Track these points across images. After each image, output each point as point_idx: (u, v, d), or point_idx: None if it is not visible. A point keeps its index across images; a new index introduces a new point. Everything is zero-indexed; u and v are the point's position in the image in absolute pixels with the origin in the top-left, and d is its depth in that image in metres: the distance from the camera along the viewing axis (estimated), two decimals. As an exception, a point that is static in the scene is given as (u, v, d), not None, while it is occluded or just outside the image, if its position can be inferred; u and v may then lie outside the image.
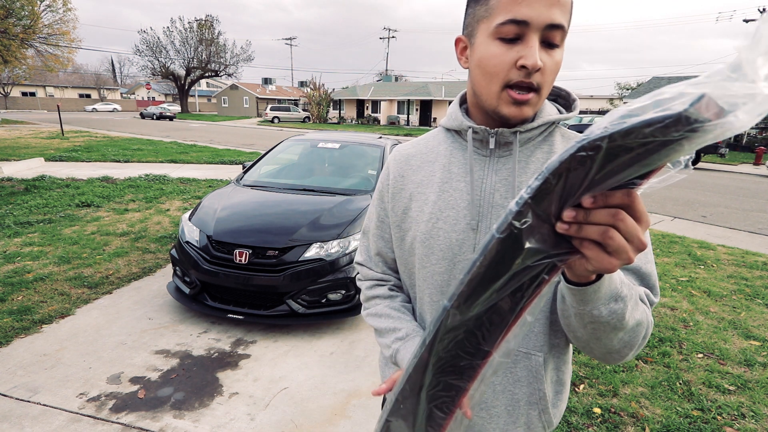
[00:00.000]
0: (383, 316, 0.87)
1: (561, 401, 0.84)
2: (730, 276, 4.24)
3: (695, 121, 0.32)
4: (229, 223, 3.14)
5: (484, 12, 0.66)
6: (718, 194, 9.06)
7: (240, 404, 2.29)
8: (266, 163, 4.37)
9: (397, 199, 0.85)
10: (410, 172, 0.84)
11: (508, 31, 0.63)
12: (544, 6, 0.61)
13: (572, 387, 2.48)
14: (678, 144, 0.33)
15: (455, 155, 0.80)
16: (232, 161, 10.97)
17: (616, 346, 0.63)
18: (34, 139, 15.59)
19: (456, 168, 0.79)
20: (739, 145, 20.01)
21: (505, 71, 0.65)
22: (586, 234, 0.41)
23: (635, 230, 0.41)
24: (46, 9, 18.55)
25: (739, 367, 2.72)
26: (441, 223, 0.77)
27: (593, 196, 0.39)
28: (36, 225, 5.12)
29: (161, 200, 6.55)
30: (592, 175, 0.38)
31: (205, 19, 42.29)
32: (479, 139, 0.77)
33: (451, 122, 0.81)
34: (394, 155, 0.89)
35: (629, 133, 0.34)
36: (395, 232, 0.86)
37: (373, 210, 0.92)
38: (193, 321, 3.12)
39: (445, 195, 0.78)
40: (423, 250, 0.79)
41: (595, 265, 0.43)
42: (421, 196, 0.81)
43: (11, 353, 2.66)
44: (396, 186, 0.85)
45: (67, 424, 2.10)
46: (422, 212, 0.80)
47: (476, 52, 0.69)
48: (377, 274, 0.93)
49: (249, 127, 27.28)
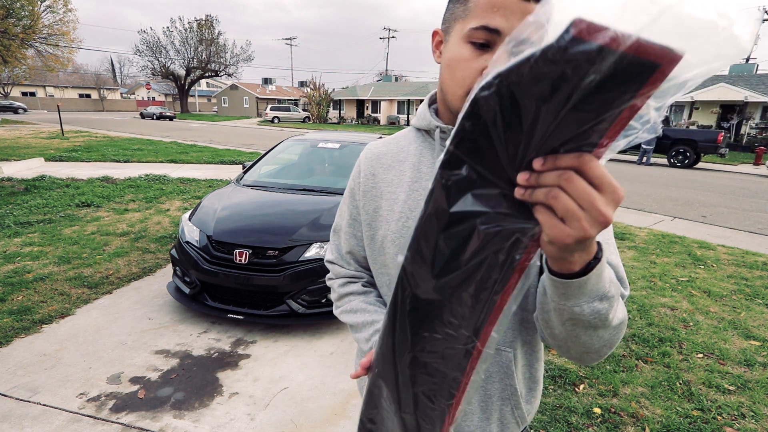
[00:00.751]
0: (359, 311, 0.87)
1: (534, 398, 0.85)
2: (730, 276, 4.24)
3: (567, 42, 0.30)
4: (229, 223, 3.14)
5: (462, 12, 0.67)
6: (718, 194, 9.06)
7: (240, 404, 2.29)
8: (266, 163, 4.37)
9: (368, 197, 0.85)
10: (381, 171, 0.85)
11: (480, 36, 0.63)
12: (518, 19, 0.61)
13: (572, 387, 2.48)
14: (579, 76, 0.31)
15: (424, 154, 0.82)
16: (232, 161, 10.97)
17: (595, 346, 0.60)
18: (34, 139, 15.60)
19: (425, 167, 0.80)
20: (739, 145, 20.00)
21: (471, 78, 0.66)
22: (535, 197, 0.40)
23: (587, 195, 0.38)
24: (47, 9, 18.55)
25: (739, 367, 2.72)
26: (411, 222, 0.78)
27: (543, 158, 0.38)
28: (36, 225, 5.12)
29: (161, 200, 6.55)
30: (513, 122, 0.36)
31: (205, 19, 42.32)
32: (446, 138, 0.78)
33: (420, 122, 0.82)
34: (366, 153, 0.89)
35: (517, 68, 0.33)
36: (366, 230, 0.86)
37: (344, 208, 0.92)
38: (193, 321, 3.12)
39: (414, 194, 0.79)
40: (394, 249, 0.80)
41: (548, 233, 0.41)
42: (391, 195, 0.82)
43: (11, 353, 2.66)
44: (367, 184, 0.86)
45: (67, 424, 2.10)
46: (392, 211, 0.80)
47: (448, 51, 0.70)
48: (349, 271, 0.93)
49: (249, 127, 27.28)
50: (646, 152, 14.28)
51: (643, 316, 3.33)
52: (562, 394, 2.41)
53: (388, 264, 0.83)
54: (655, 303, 3.58)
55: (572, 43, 0.30)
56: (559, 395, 2.40)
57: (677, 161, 14.07)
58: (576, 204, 0.39)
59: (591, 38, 0.30)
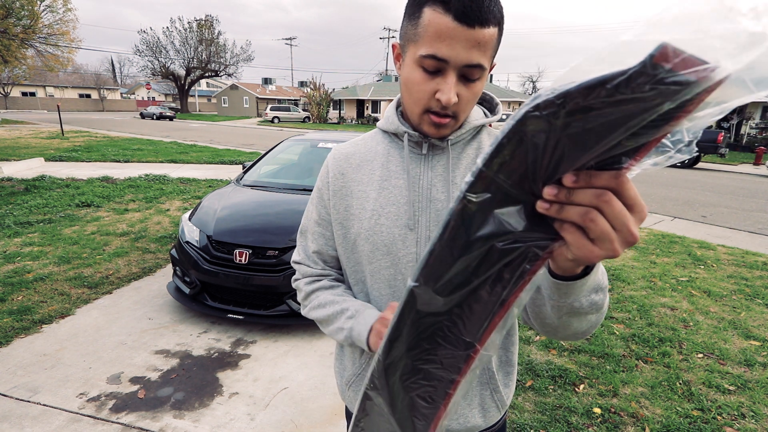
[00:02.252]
0: (328, 305, 0.86)
1: (511, 381, 0.89)
2: (730, 276, 4.24)
3: (660, 73, 0.28)
4: (229, 223, 3.14)
5: (413, 35, 0.70)
6: (718, 194, 9.06)
7: (240, 404, 2.29)
8: (266, 163, 4.37)
9: (338, 196, 0.86)
10: (350, 170, 0.86)
11: (429, 64, 0.68)
12: (463, 48, 0.65)
13: (572, 387, 2.48)
14: (655, 105, 0.29)
15: (393, 154, 0.85)
16: (232, 161, 10.97)
17: (584, 328, 0.63)
18: (34, 139, 15.60)
19: (394, 166, 0.83)
20: (739, 145, 20.00)
21: (426, 99, 0.71)
22: (567, 215, 0.38)
23: (623, 217, 0.37)
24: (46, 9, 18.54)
25: (739, 367, 2.72)
26: (383, 219, 0.80)
27: (576, 173, 0.36)
28: (36, 225, 5.12)
29: (161, 200, 6.55)
30: (562, 144, 0.34)
31: (205, 19, 42.32)
32: (414, 141, 0.82)
33: (388, 125, 0.85)
34: (333, 154, 0.90)
35: (588, 91, 0.30)
36: (338, 229, 0.87)
37: (312, 209, 0.92)
38: (193, 321, 3.12)
39: (385, 192, 0.82)
40: (368, 246, 0.81)
41: (575, 252, 0.40)
42: (362, 193, 0.84)
43: (11, 353, 2.66)
44: (336, 184, 0.87)
45: (67, 424, 2.10)
46: (364, 209, 0.82)
47: (404, 71, 0.74)
48: (316, 270, 0.93)
49: (249, 127, 27.28)
50: None
51: (643, 316, 3.33)
52: (562, 394, 2.41)
53: (362, 261, 0.84)
54: (655, 303, 3.58)
55: (664, 73, 0.28)
56: (559, 395, 2.40)
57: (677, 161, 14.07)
58: (611, 226, 0.38)
59: (681, 67, 0.28)
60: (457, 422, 0.84)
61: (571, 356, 2.79)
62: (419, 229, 0.80)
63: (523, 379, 2.54)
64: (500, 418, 0.89)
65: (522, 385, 2.49)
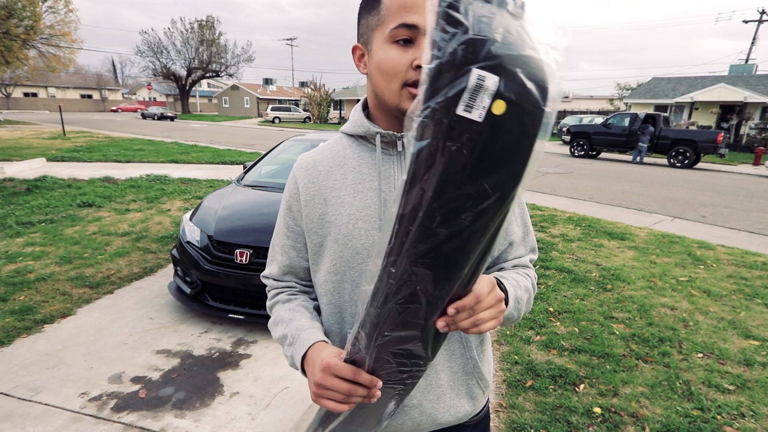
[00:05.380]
0: (279, 323, 0.86)
1: (487, 360, 0.93)
2: (730, 276, 4.24)
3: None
4: (230, 222, 3.15)
5: (377, 21, 0.72)
6: (718, 194, 9.06)
7: (241, 404, 2.30)
8: (267, 163, 4.38)
9: (311, 205, 0.84)
10: (320, 178, 0.85)
11: (401, 33, 0.68)
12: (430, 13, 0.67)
13: (572, 387, 2.48)
14: None
15: (363, 157, 0.84)
16: (232, 161, 10.98)
17: (516, 318, 0.82)
18: (36, 139, 15.63)
19: (366, 169, 0.82)
20: (738, 146, 19.98)
21: (404, 71, 0.70)
22: (457, 327, 0.61)
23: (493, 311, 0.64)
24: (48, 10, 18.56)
25: (739, 367, 2.72)
26: (361, 222, 0.80)
27: (455, 307, 0.58)
28: (38, 225, 5.13)
29: (162, 200, 6.56)
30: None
31: (206, 19, 42.38)
32: (386, 141, 0.81)
33: (356, 128, 0.84)
34: (300, 164, 0.88)
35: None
36: (312, 238, 0.85)
37: (280, 222, 0.91)
38: (194, 321, 3.13)
39: (360, 195, 0.81)
40: (347, 251, 0.80)
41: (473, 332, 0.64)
42: (336, 199, 0.82)
43: (13, 353, 2.67)
44: (308, 193, 0.85)
45: (69, 423, 2.11)
46: (340, 215, 0.81)
47: (374, 57, 0.74)
48: (281, 283, 0.93)
49: (250, 128, 27.29)
50: (641, 151, 14.32)
51: (643, 316, 3.34)
52: (562, 394, 2.41)
53: (341, 269, 0.83)
54: (655, 303, 3.59)
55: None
56: (559, 395, 2.41)
57: (677, 161, 14.07)
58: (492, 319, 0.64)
59: None
60: (448, 413, 0.85)
61: (571, 356, 2.80)
62: None
63: (523, 379, 2.55)
64: (486, 400, 0.94)
65: (522, 384, 2.50)
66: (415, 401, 0.83)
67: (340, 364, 0.64)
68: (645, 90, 25.25)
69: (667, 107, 23.09)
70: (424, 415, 0.84)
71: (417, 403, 0.83)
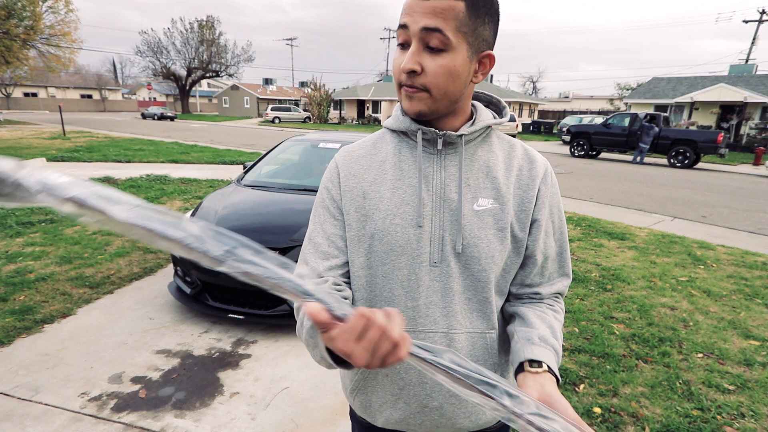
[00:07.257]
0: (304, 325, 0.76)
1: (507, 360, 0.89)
2: (730, 276, 4.25)
3: None
4: (230, 222, 3.15)
5: None
6: (718, 194, 9.06)
7: (241, 404, 2.30)
8: (267, 163, 4.38)
9: (350, 197, 0.84)
10: (361, 171, 0.85)
11: (399, 36, 0.75)
12: (419, 14, 0.71)
13: (572, 387, 2.48)
14: None
15: (404, 153, 0.84)
16: (232, 161, 10.98)
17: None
18: (36, 139, 15.63)
19: (407, 166, 0.83)
20: (738, 146, 19.98)
21: (398, 74, 0.76)
22: None
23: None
24: (48, 10, 18.56)
25: (739, 367, 2.72)
26: (398, 219, 0.80)
27: None
28: (38, 225, 5.13)
29: (162, 200, 6.56)
30: None
31: (206, 19, 42.40)
32: (427, 138, 0.82)
33: (398, 124, 0.84)
34: (342, 155, 0.89)
35: None
36: (349, 231, 0.84)
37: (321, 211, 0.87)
38: (194, 321, 3.13)
39: (399, 192, 0.81)
40: (382, 247, 0.81)
41: None
42: (375, 194, 0.83)
43: (13, 353, 2.67)
44: (348, 185, 0.85)
45: (69, 423, 2.11)
46: (378, 209, 0.81)
47: None
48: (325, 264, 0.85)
49: (250, 128, 27.30)
50: (642, 151, 14.33)
51: (643, 316, 3.34)
52: (562, 394, 2.41)
53: (374, 263, 0.83)
54: (655, 303, 3.59)
55: None
56: (558, 395, 2.41)
57: (677, 161, 14.08)
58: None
59: None
60: (469, 420, 0.85)
61: (571, 356, 2.80)
62: (432, 229, 0.80)
63: (523, 378, 2.55)
64: None
65: (522, 384, 2.50)
66: (436, 403, 0.82)
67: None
68: (645, 90, 25.26)
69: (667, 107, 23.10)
70: (444, 418, 0.84)
71: (438, 405, 0.83)
